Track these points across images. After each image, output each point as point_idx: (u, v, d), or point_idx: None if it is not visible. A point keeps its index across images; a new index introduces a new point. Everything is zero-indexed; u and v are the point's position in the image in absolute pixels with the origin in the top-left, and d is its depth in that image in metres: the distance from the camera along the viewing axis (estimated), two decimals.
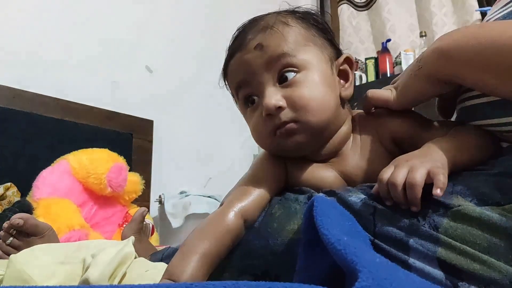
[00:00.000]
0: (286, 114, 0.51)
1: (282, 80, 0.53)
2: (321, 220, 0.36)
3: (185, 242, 0.47)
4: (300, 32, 0.55)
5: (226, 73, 0.60)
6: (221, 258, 0.48)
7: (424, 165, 0.40)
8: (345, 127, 0.57)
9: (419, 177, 0.39)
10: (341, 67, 0.58)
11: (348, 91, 0.58)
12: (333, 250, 0.32)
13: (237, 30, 0.59)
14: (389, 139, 0.55)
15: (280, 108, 0.51)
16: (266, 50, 0.53)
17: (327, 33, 0.59)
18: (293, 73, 0.53)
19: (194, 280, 0.42)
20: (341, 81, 0.58)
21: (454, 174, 0.44)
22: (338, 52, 0.59)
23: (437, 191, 0.38)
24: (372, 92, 0.57)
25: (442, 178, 0.38)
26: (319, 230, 0.35)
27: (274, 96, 0.51)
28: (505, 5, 0.52)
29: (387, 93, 0.55)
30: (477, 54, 0.43)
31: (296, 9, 0.59)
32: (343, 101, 0.57)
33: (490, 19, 0.54)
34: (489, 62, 0.43)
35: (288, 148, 0.54)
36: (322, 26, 0.58)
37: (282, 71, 0.53)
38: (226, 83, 0.61)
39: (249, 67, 0.54)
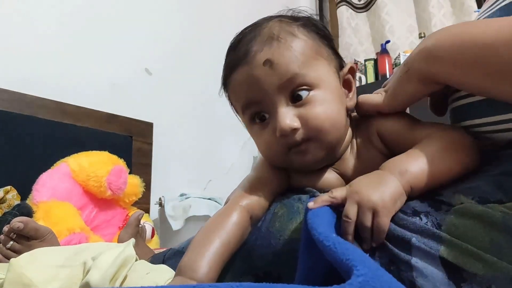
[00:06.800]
0: (300, 134, 0.51)
1: (294, 99, 0.51)
2: (312, 220, 0.37)
3: (195, 239, 0.47)
4: (308, 44, 0.53)
5: (228, 85, 0.56)
6: (233, 253, 0.48)
7: (384, 212, 0.40)
8: (348, 135, 0.57)
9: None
10: (345, 77, 0.58)
11: (352, 101, 0.58)
12: (323, 247, 0.33)
13: (237, 37, 0.56)
14: (378, 139, 0.55)
15: (295, 130, 0.50)
16: (277, 69, 0.50)
17: (329, 40, 0.57)
18: (306, 91, 0.51)
19: (209, 276, 0.42)
20: (345, 91, 0.58)
21: None
22: (340, 60, 0.58)
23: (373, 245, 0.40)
24: (363, 98, 0.57)
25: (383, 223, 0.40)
26: (310, 231, 0.36)
27: (288, 117, 0.50)
28: (490, 6, 0.52)
29: (377, 97, 0.55)
30: (460, 54, 0.43)
31: (296, 15, 0.57)
32: (347, 111, 0.57)
33: (479, 19, 0.54)
34: (471, 63, 0.42)
35: (304, 164, 0.54)
36: (324, 33, 0.56)
37: (295, 90, 0.51)
38: (227, 95, 0.59)
39: (259, 85, 0.51)
